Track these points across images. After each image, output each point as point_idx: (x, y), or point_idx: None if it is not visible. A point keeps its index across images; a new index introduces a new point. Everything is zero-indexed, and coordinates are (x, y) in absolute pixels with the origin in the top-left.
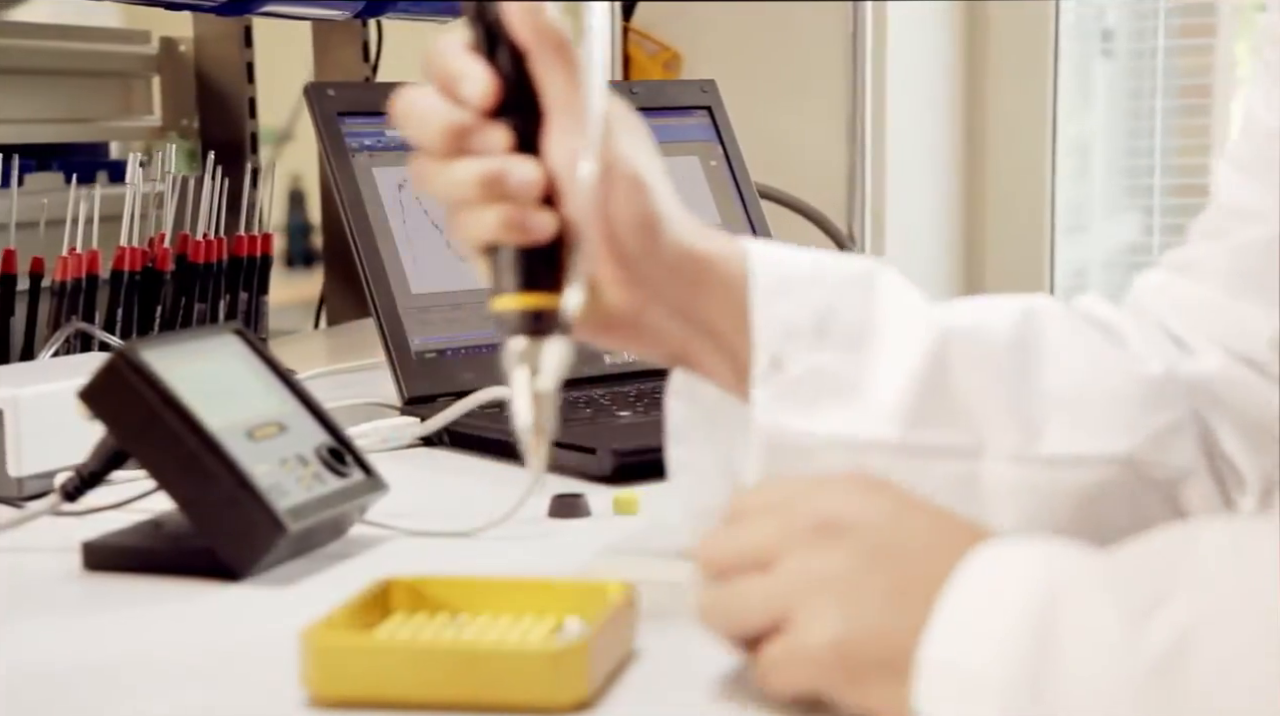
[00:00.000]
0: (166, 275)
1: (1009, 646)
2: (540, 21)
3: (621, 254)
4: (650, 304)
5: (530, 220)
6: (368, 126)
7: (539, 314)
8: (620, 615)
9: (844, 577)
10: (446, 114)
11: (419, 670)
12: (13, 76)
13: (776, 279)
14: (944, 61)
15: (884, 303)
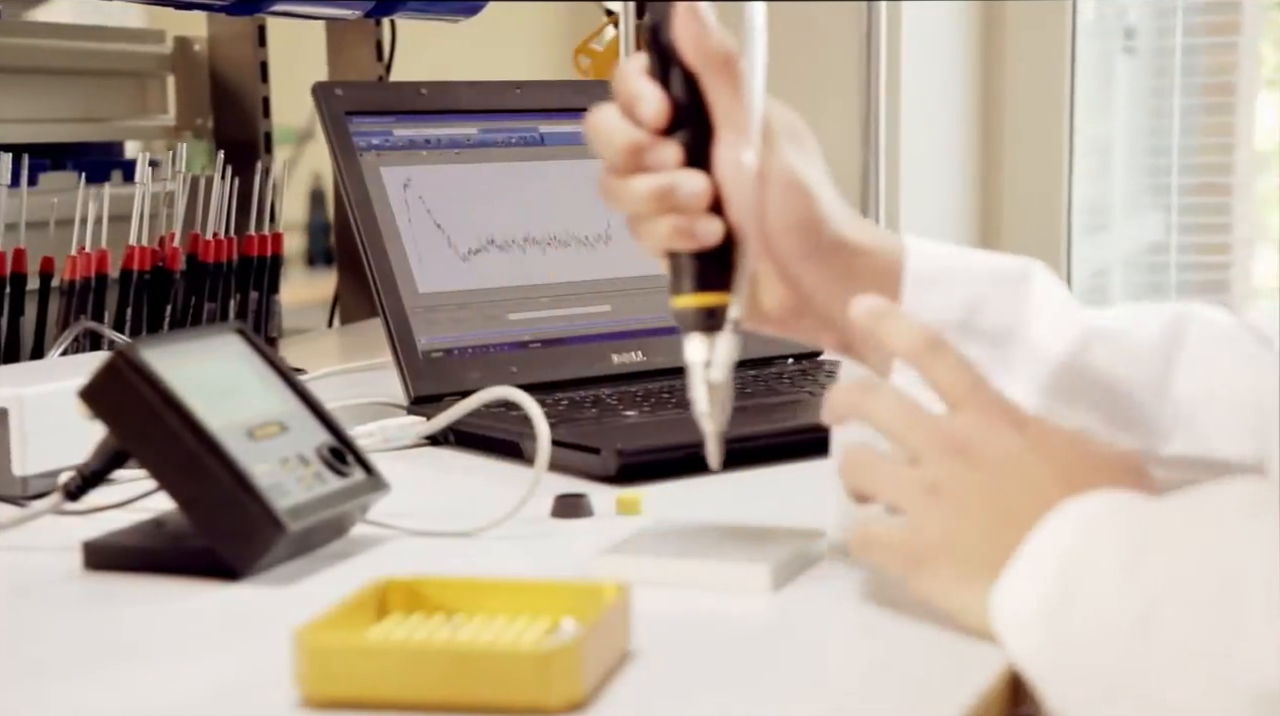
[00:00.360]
0: (176, 274)
1: (1041, 591)
2: (707, 44)
3: (781, 255)
4: (812, 298)
5: (698, 228)
6: (376, 126)
7: (711, 311)
8: (614, 616)
9: (960, 498)
10: (625, 133)
11: (412, 671)
12: (28, 76)
13: (930, 271)
14: (959, 61)
15: (1034, 301)
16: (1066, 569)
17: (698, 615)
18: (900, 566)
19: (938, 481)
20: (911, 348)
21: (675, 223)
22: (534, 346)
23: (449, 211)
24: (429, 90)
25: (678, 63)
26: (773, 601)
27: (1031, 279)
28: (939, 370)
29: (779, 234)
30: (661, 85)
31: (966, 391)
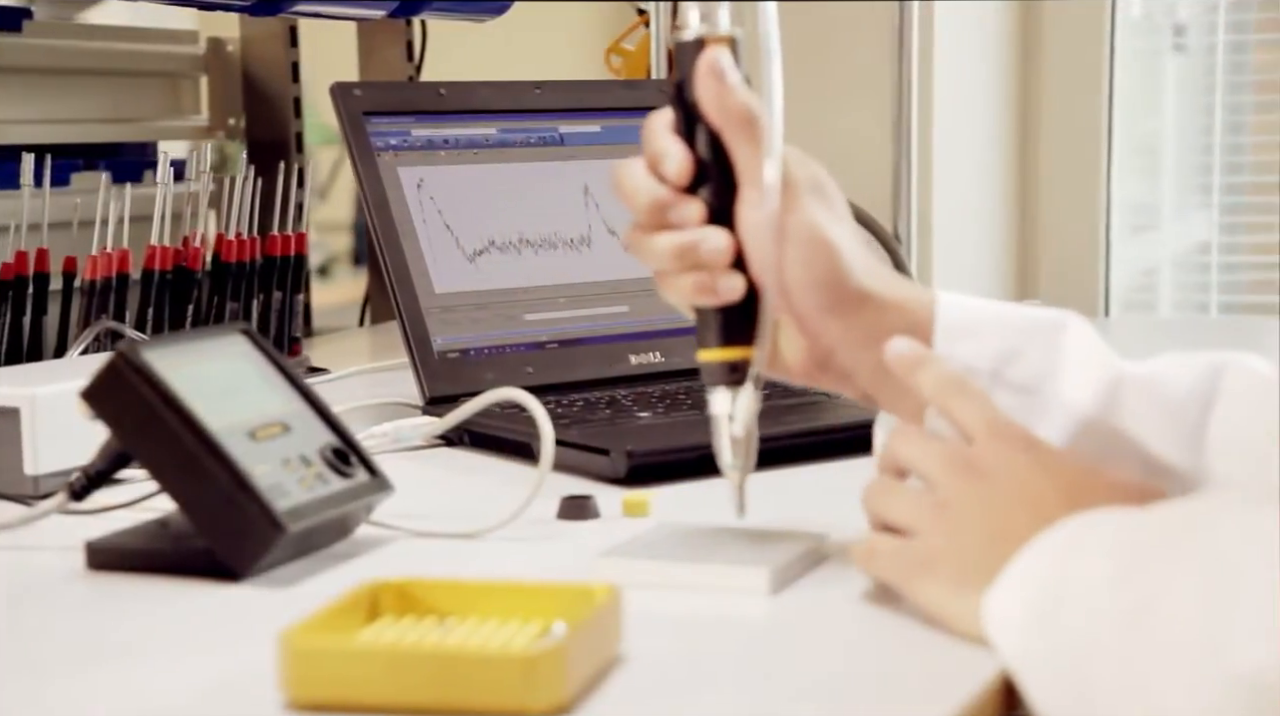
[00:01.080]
0: (197, 274)
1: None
2: (728, 103)
3: (802, 310)
4: (834, 352)
5: (720, 284)
6: (394, 126)
7: (734, 365)
8: (604, 619)
9: (963, 513)
10: (649, 190)
11: (396, 674)
12: (63, 77)
13: (961, 322)
14: (995, 59)
15: (1067, 353)
16: (1057, 573)
17: (695, 618)
18: (899, 575)
19: (946, 499)
20: (937, 390)
21: (698, 279)
22: (551, 347)
23: (466, 211)
24: (448, 90)
25: (701, 119)
26: (771, 604)
27: (1065, 330)
28: (961, 409)
29: (799, 289)
30: (686, 141)
31: (984, 424)
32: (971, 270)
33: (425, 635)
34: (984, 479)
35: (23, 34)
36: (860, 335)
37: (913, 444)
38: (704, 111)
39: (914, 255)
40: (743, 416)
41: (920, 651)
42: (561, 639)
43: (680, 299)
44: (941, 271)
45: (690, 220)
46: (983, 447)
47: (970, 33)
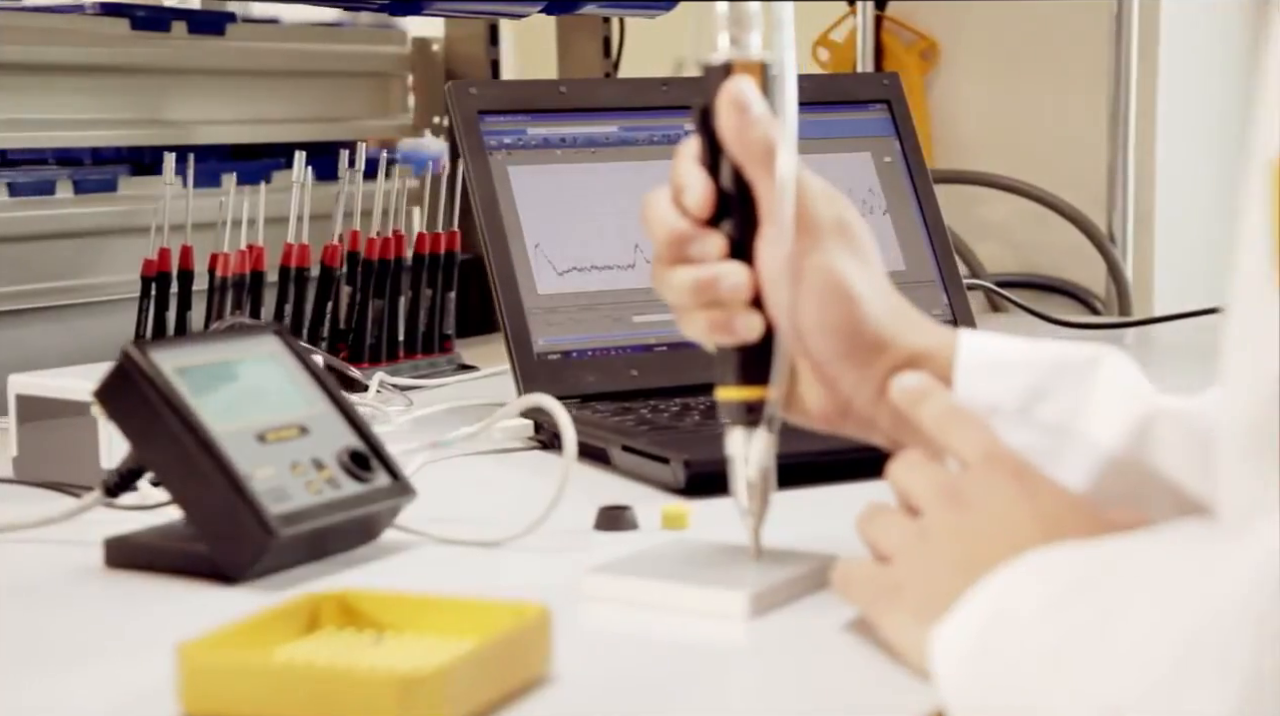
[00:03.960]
0: (337, 272)
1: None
2: (749, 136)
3: (816, 355)
4: (852, 400)
5: (736, 323)
6: (509, 125)
7: (751, 406)
8: (522, 639)
9: (939, 542)
10: (670, 223)
11: (280, 691)
12: (267, 78)
13: (984, 362)
14: (1226, 52)
15: (1097, 392)
16: (996, 609)
17: (660, 639)
18: (867, 602)
19: (926, 528)
20: (936, 421)
21: (714, 317)
22: (659, 350)
23: (579, 211)
24: (569, 88)
25: (725, 152)
26: (747, 629)
27: (1099, 366)
28: (959, 438)
29: (813, 334)
30: (710, 172)
31: (980, 452)
32: (1196, 274)
33: (353, 649)
34: (965, 508)
35: (225, 37)
36: (877, 384)
37: (909, 470)
38: (725, 144)
39: (1129, 257)
40: (755, 459)
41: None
42: (444, 660)
43: (697, 336)
44: (1162, 275)
45: (709, 255)
46: (972, 476)
47: (1200, 23)
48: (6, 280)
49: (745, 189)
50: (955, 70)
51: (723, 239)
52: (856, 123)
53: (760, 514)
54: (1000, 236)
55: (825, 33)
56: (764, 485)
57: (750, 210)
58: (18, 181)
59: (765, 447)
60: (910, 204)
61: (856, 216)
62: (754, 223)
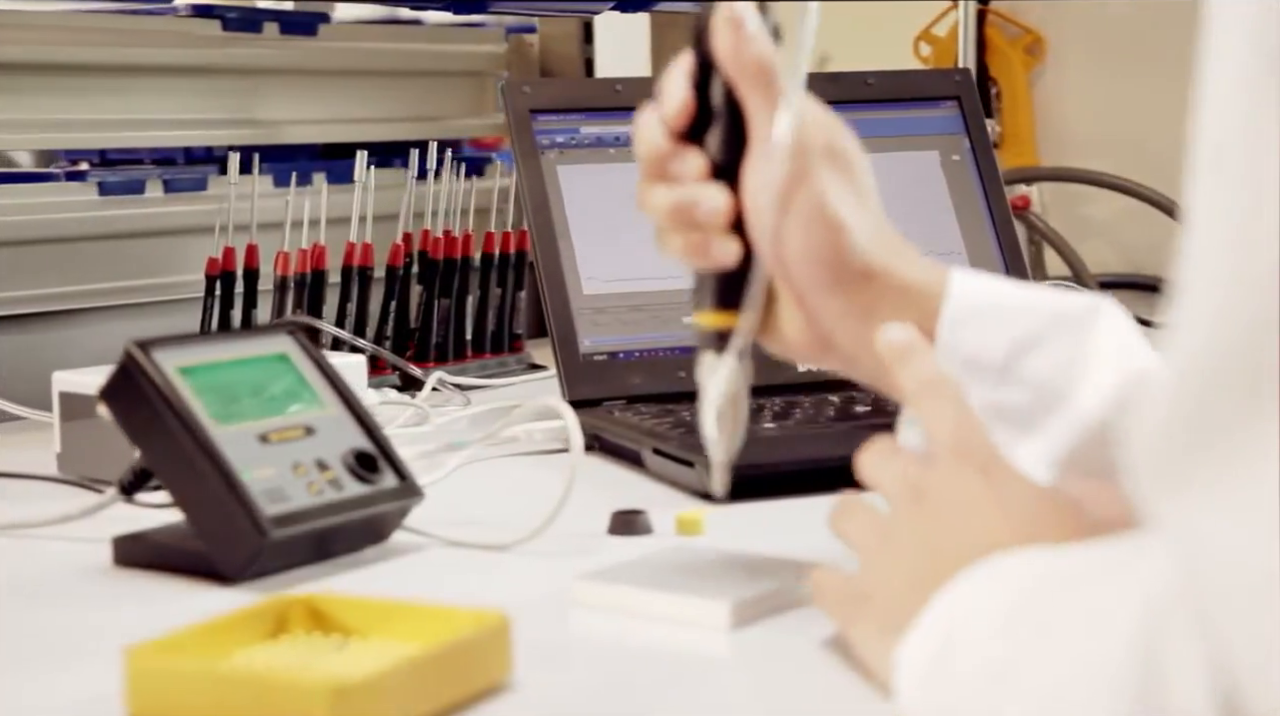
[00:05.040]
0: (400, 271)
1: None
2: (744, 54)
3: (799, 285)
4: (835, 332)
5: (713, 247)
6: (562, 124)
7: (725, 333)
8: (475, 646)
9: (904, 546)
10: (651, 138)
11: (219, 697)
12: (364, 78)
13: (974, 307)
14: None
15: (1094, 345)
16: (951, 627)
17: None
18: (839, 615)
19: (892, 529)
20: (915, 389)
21: (691, 239)
22: None
23: (628, 211)
24: (624, 86)
25: (717, 70)
26: (728, 639)
27: (1097, 318)
28: (933, 414)
29: (796, 262)
30: (697, 92)
31: (950, 436)
32: None
33: (315, 654)
34: (928, 508)
35: (317, 37)
36: (860, 316)
37: (877, 461)
38: (719, 61)
39: None
40: (726, 387)
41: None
42: (378, 667)
43: (674, 258)
44: None
45: (688, 174)
46: (937, 469)
47: None
48: (94, 278)
49: (735, 110)
50: (1061, 65)
51: (703, 159)
52: (924, 120)
53: (728, 443)
54: (1105, 235)
55: (927, 27)
56: (733, 413)
57: (739, 131)
58: (108, 180)
59: (734, 374)
60: (979, 203)
61: (853, 143)
62: (742, 144)
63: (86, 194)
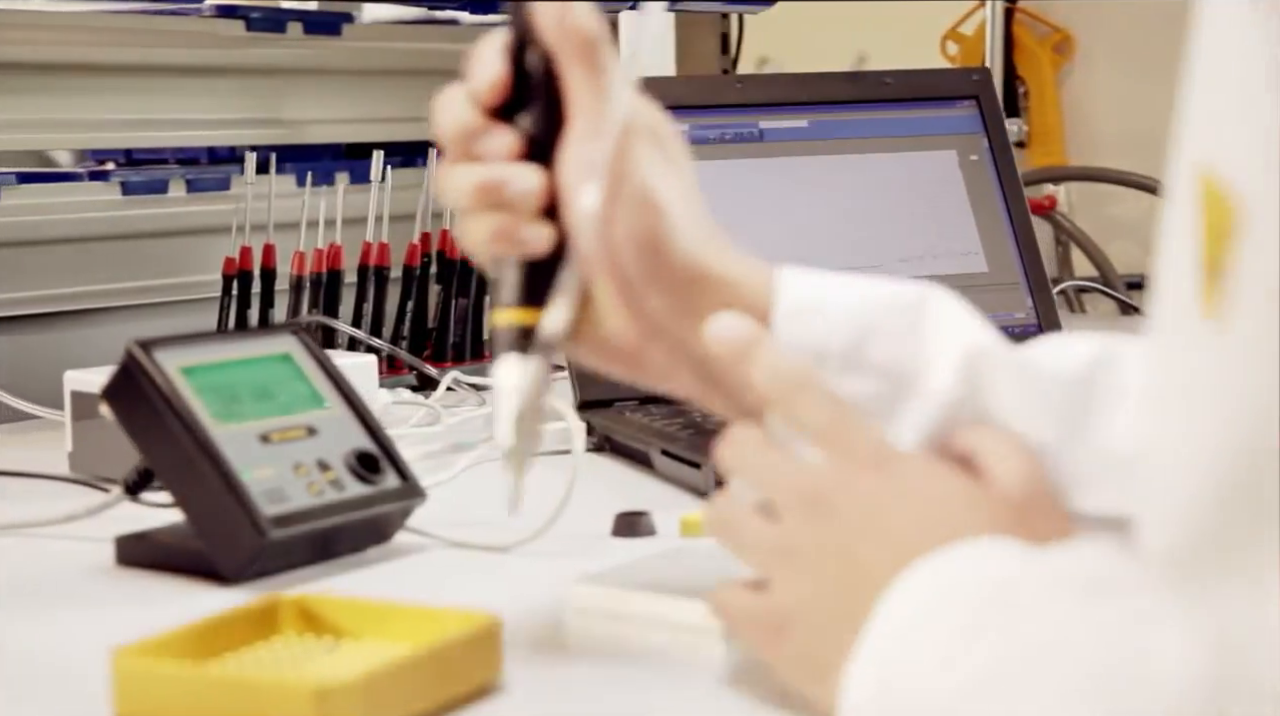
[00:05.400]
0: (417, 271)
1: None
2: (567, 20)
3: (621, 278)
4: (659, 330)
5: (523, 232)
6: None
7: (529, 330)
8: (461, 647)
9: (813, 561)
10: (457, 113)
11: (204, 699)
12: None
13: (808, 300)
14: None
15: (929, 332)
16: (901, 649)
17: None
18: (756, 642)
19: (793, 541)
20: (774, 384)
21: (498, 223)
22: None
23: None
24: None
25: (536, 39)
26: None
27: (927, 306)
28: (803, 408)
29: (617, 251)
30: (514, 63)
31: (829, 431)
32: None
33: (307, 654)
34: (831, 515)
35: (341, 37)
36: (684, 314)
37: (752, 458)
38: (539, 28)
39: None
40: (530, 392)
41: None
42: (362, 669)
43: (477, 245)
44: None
45: (497, 152)
46: (829, 472)
47: None
48: (116, 277)
49: (553, 85)
50: (1090, 64)
51: (514, 136)
52: (942, 120)
53: (523, 456)
54: (1133, 235)
55: (955, 25)
56: (534, 420)
57: (556, 108)
58: (131, 180)
59: (538, 376)
60: (997, 204)
61: (673, 128)
62: (558, 123)
63: (110, 193)
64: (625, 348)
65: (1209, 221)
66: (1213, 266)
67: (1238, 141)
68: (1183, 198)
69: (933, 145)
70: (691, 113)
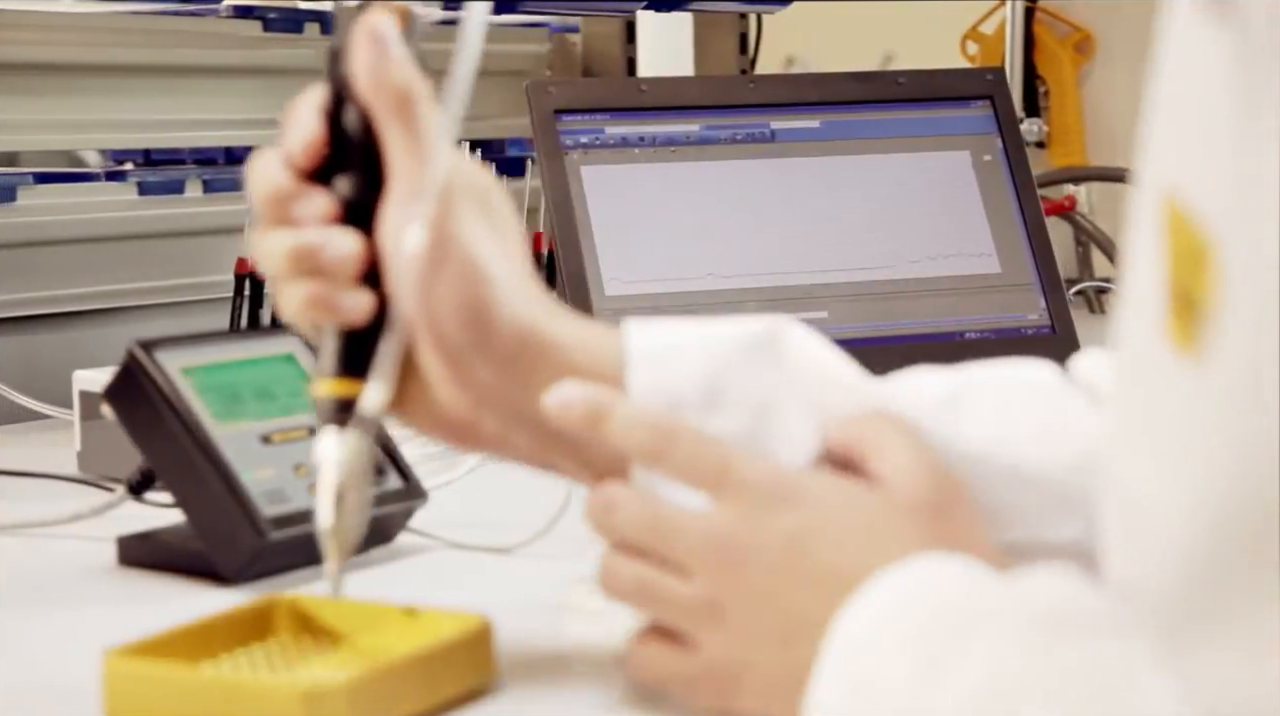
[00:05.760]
0: None
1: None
2: (385, 76)
3: (446, 349)
4: (489, 404)
5: (340, 300)
6: (586, 124)
7: (349, 402)
8: (453, 650)
9: (743, 613)
10: (271, 178)
11: (193, 701)
12: None
13: (661, 346)
14: None
15: (790, 365)
16: (855, 697)
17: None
18: (710, 698)
19: (714, 597)
20: (641, 443)
21: (314, 290)
22: None
23: (654, 211)
24: (649, 86)
25: (353, 96)
26: None
27: (783, 340)
28: (681, 458)
29: (442, 320)
30: (331, 123)
31: (719, 474)
32: None
33: (300, 656)
34: (745, 562)
35: None
36: (516, 385)
37: (636, 518)
38: (356, 86)
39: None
40: (344, 468)
41: None
42: (351, 672)
43: (294, 313)
44: None
45: (313, 217)
46: (731, 516)
47: None
48: (132, 277)
49: (372, 144)
50: (1111, 63)
51: (330, 199)
52: (956, 120)
53: (348, 532)
54: None
55: (975, 25)
56: (355, 497)
57: (375, 169)
58: (148, 180)
59: (359, 453)
60: (1010, 204)
61: (498, 187)
62: (378, 184)
63: (127, 194)
64: (458, 417)
65: (1175, 248)
66: (1182, 297)
67: (1203, 166)
68: (1147, 223)
69: (946, 146)
70: (703, 112)
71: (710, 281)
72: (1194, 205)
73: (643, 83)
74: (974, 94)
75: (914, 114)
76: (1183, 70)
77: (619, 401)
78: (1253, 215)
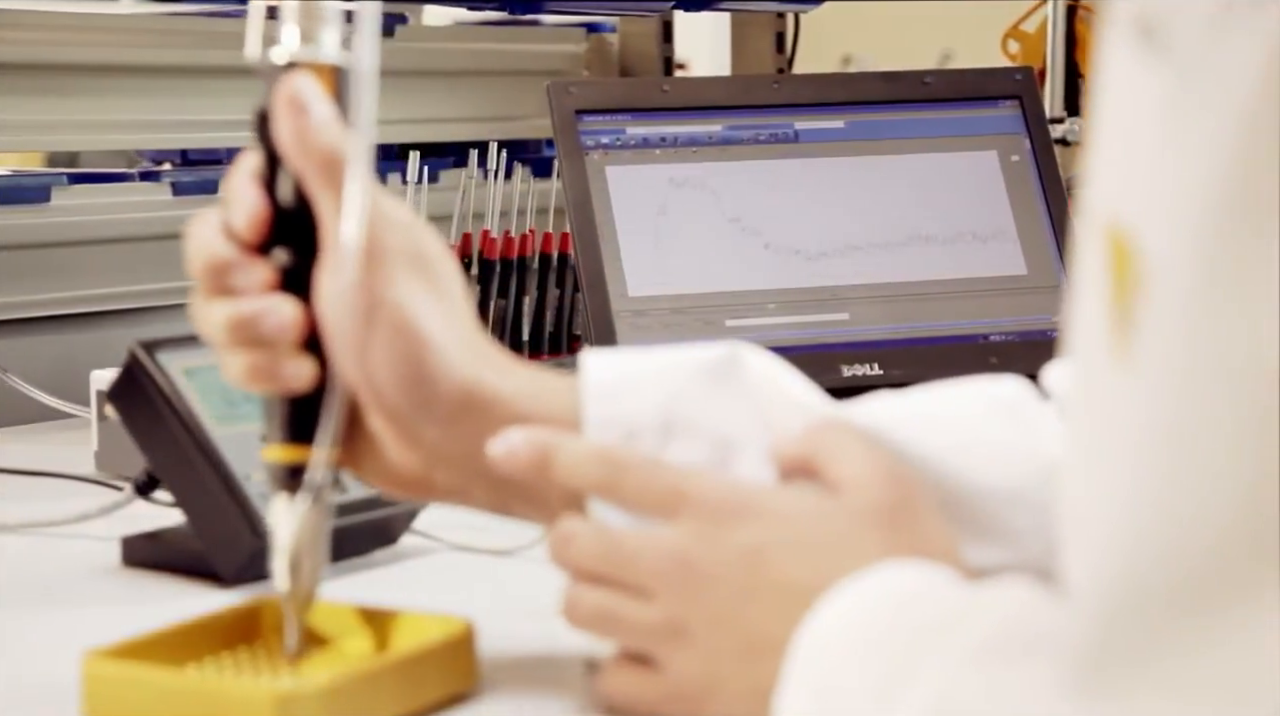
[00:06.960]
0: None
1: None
2: (309, 141)
3: (389, 410)
4: (439, 461)
5: (282, 368)
6: (607, 124)
7: (298, 469)
8: (434, 653)
9: (706, 633)
10: (209, 248)
11: (168, 704)
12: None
13: (618, 377)
14: None
15: (749, 389)
16: (819, 709)
17: None
18: (670, 711)
19: (676, 618)
20: (591, 478)
21: (256, 360)
22: None
23: (676, 212)
24: (672, 87)
25: (283, 162)
26: None
27: (740, 364)
28: (633, 488)
29: (382, 384)
30: (268, 189)
31: (673, 497)
32: None
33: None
34: (705, 582)
35: (395, 38)
36: (466, 438)
37: (595, 549)
38: (282, 153)
39: None
40: (295, 533)
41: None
42: (327, 677)
43: (237, 382)
44: None
45: (252, 287)
46: (686, 535)
47: None
48: (165, 276)
49: (306, 210)
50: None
51: (268, 269)
52: (983, 119)
53: (303, 596)
54: None
55: (1016, 23)
56: (310, 563)
57: (311, 235)
58: (181, 180)
59: (309, 521)
60: (1038, 205)
61: (439, 248)
62: (315, 250)
63: (160, 194)
64: (411, 474)
65: (1116, 275)
66: (1121, 319)
67: (1141, 195)
68: (1091, 250)
69: (972, 146)
70: (727, 113)
71: (732, 282)
72: (1132, 234)
73: (665, 83)
74: (1002, 94)
75: (941, 114)
76: (1117, 101)
77: (563, 441)
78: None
